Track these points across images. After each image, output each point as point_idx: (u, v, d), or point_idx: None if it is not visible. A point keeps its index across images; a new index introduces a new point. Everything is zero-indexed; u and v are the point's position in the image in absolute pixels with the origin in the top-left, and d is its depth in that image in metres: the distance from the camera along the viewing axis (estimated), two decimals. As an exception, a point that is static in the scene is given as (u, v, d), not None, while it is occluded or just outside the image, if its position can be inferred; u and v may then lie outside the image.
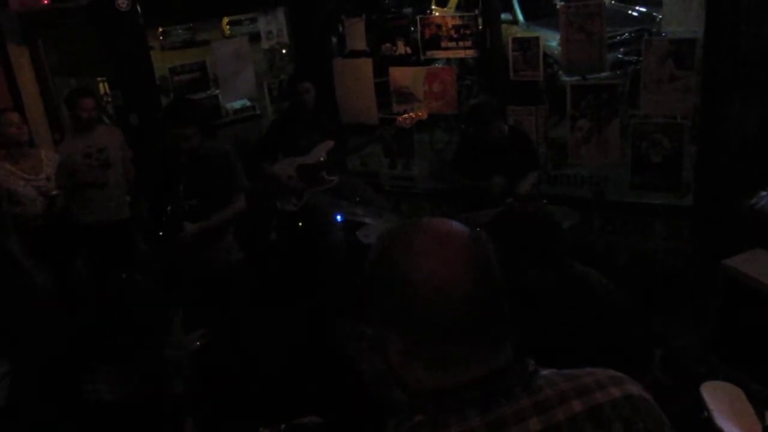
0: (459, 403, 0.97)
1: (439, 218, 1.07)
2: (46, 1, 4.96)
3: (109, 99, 5.81)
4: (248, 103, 6.36)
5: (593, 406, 0.99)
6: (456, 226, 1.04)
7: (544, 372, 1.04)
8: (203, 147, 3.77)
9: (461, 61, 6.71)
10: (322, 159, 5.02)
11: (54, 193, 4.38)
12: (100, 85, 5.98)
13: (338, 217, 4.74)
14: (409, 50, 5.81)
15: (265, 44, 6.47)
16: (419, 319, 0.98)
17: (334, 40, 6.83)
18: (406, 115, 5.10)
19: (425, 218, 1.08)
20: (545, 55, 5.19)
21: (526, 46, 5.09)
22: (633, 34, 7.80)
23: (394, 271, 1.00)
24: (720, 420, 2.55)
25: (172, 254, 3.82)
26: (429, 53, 5.64)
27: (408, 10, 6.90)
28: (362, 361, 3.44)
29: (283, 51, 7.45)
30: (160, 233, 3.79)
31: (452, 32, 5.41)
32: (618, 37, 7.57)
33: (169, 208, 3.74)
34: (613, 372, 1.08)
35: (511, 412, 0.96)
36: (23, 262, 4.06)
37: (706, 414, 2.61)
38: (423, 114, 5.09)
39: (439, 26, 5.50)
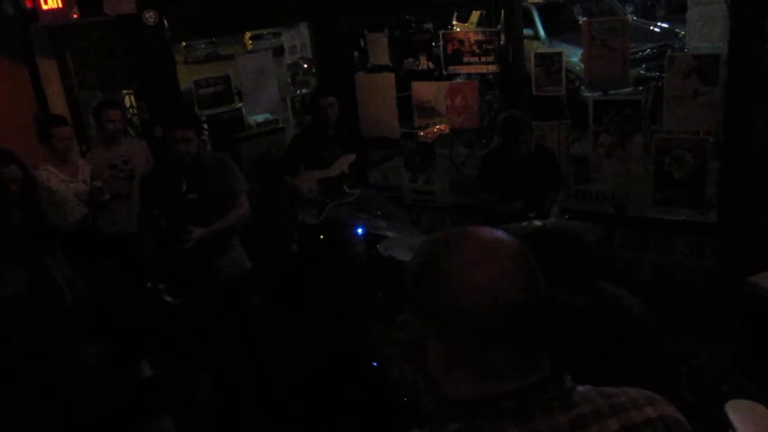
0: (495, 413, 0.97)
1: (489, 228, 1.07)
2: (75, 15, 5.05)
3: (135, 111, 5.89)
4: (271, 117, 6.42)
5: (628, 425, 0.99)
6: (507, 236, 1.05)
7: (580, 388, 1.04)
8: (201, 155, 3.85)
9: (482, 77, 6.73)
10: (343, 172, 5.05)
11: (98, 184, 4.50)
12: (126, 97, 6.07)
13: (359, 230, 4.76)
14: (431, 65, 5.84)
15: (288, 59, 6.54)
16: (467, 326, 0.98)
17: (356, 54, 6.88)
18: (428, 129, 5.13)
19: (474, 227, 1.07)
20: (566, 70, 5.19)
21: (549, 61, 5.10)
22: (655, 50, 7.80)
23: (445, 276, 1.00)
24: (745, 439, 2.52)
25: (180, 262, 3.85)
26: (451, 68, 5.66)
27: (429, 26, 6.95)
28: (392, 367, 3.44)
29: (305, 65, 7.52)
30: (166, 237, 3.82)
31: (474, 47, 5.44)
32: (640, 53, 7.57)
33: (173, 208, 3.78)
34: (648, 392, 1.08)
35: (547, 427, 0.96)
36: (58, 279, 4.19)
37: (730, 432, 2.58)
38: (445, 128, 5.11)
39: (461, 41, 5.52)
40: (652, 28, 9.24)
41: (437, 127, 5.11)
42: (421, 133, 5.13)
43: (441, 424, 1.01)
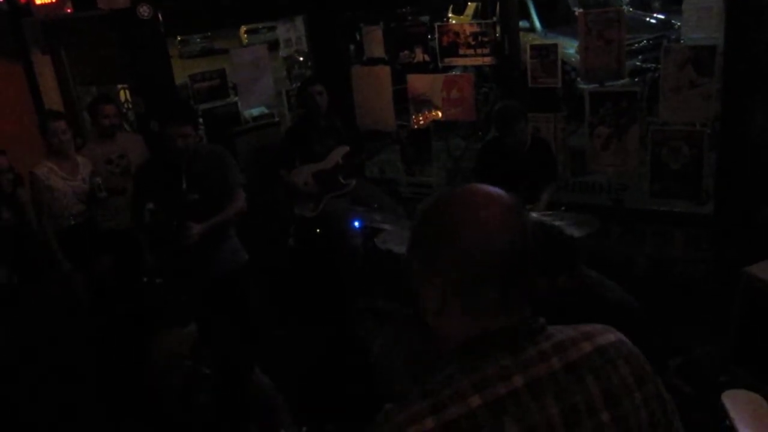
0: (490, 347, 1.10)
1: (488, 185, 1.20)
2: (69, 10, 5.02)
3: (130, 106, 5.87)
4: (266, 111, 6.39)
5: (599, 346, 1.16)
6: (502, 191, 1.18)
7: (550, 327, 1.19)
8: (198, 149, 3.85)
9: (478, 69, 6.71)
10: (338, 163, 5.05)
11: (98, 180, 4.52)
12: (121, 92, 6.04)
13: (356, 224, 4.76)
14: (427, 58, 5.83)
15: (283, 52, 6.52)
16: (462, 262, 1.10)
17: (352, 47, 6.86)
18: (420, 116, 5.15)
19: (475, 183, 1.21)
20: (562, 62, 5.18)
21: (545, 53, 5.09)
22: (651, 41, 7.79)
23: (447, 217, 1.13)
24: (742, 429, 2.53)
25: (179, 257, 3.85)
26: (447, 61, 5.65)
27: (425, 18, 6.93)
28: (371, 341, 3.45)
29: (301, 59, 7.49)
30: (167, 235, 3.82)
31: (470, 40, 5.42)
32: (636, 45, 7.56)
33: (173, 206, 3.78)
34: (607, 326, 1.24)
35: (536, 353, 1.11)
36: (61, 259, 4.22)
37: (728, 423, 2.59)
38: (437, 114, 5.14)
39: (457, 34, 5.51)
40: (648, 19, 9.22)
41: (429, 113, 5.12)
42: (414, 120, 5.14)
43: (438, 369, 1.11)
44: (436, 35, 5.62)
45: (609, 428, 1.10)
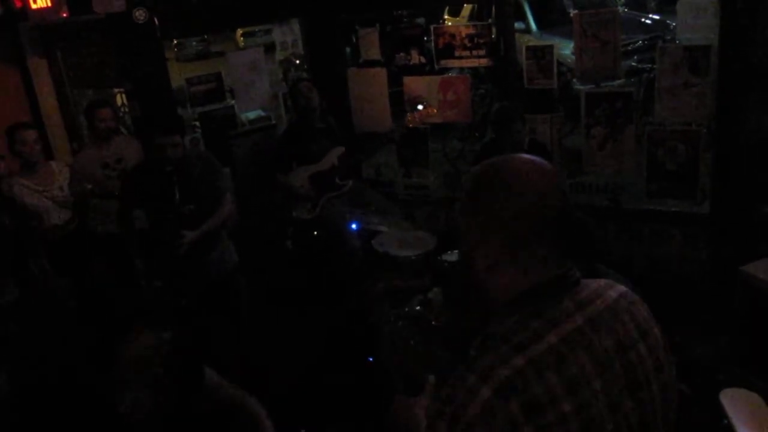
0: (548, 293, 1.24)
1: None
2: (65, 14, 5.02)
3: (127, 110, 5.87)
4: (263, 113, 6.39)
5: (620, 293, 1.33)
6: (538, 158, 1.30)
7: None
8: (186, 155, 3.91)
9: (474, 70, 6.72)
10: (334, 165, 5.05)
11: (88, 186, 4.46)
12: (118, 96, 6.04)
13: (353, 226, 4.76)
14: (423, 60, 5.83)
15: (279, 55, 6.51)
16: (521, 219, 1.21)
17: (348, 50, 6.86)
18: (416, 113, 5.15)
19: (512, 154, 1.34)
20: (558, 63, 5.19)
21: (540, 54, 5.10)
22: (647, 42, 7.79)
23: (503, 181, 1.25)
24: (740, 428, 2.53)
25: (172, 263, 3.88)
26: (443, 62, 5.66)
27: (420, 20, 6.93)
28: (384, 324, 3.45)
29: (297, 61, 7.50)
30: (161, 243, 3.85)
31: (466, 41, 5.43)
32: (631, 45, 7.57)
33: (167, 215, 3.82)
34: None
35: (584, 297, 1.27)
36: (48, 273, 4.19)
37: (725, 422, 2.59)
38: (432, 110, 5.13)
39: (452, 35, 5.52)
40: (643, 19, 9.23)
41: (425, 110, 5.12)
42: (409, 117, 5.14)
43: (497, 323, 1.22)
44: (432, 37, 5.62)
45: (646, 356, 1.28)
